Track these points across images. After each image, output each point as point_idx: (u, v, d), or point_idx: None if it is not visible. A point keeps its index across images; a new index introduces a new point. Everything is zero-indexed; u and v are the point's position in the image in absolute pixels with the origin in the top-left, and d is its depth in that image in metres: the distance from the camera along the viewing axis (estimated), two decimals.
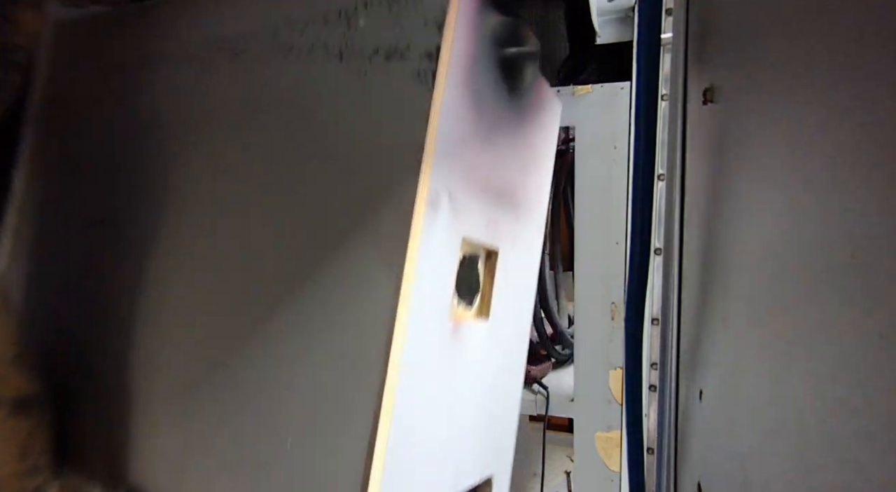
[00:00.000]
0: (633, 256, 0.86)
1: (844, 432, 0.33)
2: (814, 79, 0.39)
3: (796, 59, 0.42)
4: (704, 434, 0.70)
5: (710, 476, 0.66)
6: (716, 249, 0.66)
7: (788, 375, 0.43)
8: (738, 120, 0.57)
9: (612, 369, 0.94)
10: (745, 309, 0.54)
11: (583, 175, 0.90)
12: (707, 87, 0.66)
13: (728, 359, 0.59)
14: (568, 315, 1.17)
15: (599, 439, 0.98)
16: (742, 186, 0.56)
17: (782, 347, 0.44)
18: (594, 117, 0.87)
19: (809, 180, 0.41)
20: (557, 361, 1.14)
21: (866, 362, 0.31)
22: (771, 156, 0.48)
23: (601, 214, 0.90)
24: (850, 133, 0.34)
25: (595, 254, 0.92)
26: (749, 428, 0.52)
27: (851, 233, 0.33)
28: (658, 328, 0.86)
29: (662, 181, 0.82)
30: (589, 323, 0.95)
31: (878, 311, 0.30)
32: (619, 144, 0.86)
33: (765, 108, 0.49)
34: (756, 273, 0.52)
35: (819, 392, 0.37)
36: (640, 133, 0.82)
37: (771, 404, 0.46)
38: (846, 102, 0.34)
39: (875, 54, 0.31)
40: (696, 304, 0.75)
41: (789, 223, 0.45)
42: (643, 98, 0.81)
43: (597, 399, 0.97)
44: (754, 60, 0.52)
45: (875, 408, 0.30)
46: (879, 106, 0.30)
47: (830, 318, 0.35)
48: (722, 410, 0.61)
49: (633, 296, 0.87)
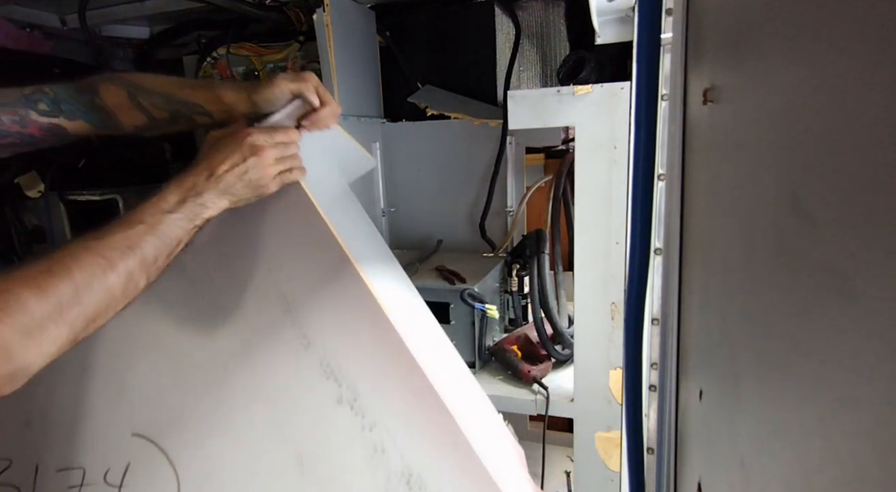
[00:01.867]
0: (633, 256, 0.86)
1: (844, 432, 0.33)
2: (814, 79, 0.39)
3: (796, 58, 0.42)
4: (704, 434, 0.70)
5: (710, 476, 0.66)
6: (716, 249, 0.66)
7: (789, 375, 0.43)
8: (738, 120, 0.57)
9: (612, 369, 0.94)
10: (744, 309, 0.54)
11: (583, 175, 0.90)
12: (707, 87, 0.66)
13: (728, 359, 0.59)
14: (568, 315, 1.17)
15: (599, 439, 0.98)
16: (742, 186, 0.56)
17: (782, 346, 0.44)
18: (594, 117, 0.87)
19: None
20: (557, 361, 1.14)
21: (866, 362, 0.31)
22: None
23: (601, 214, 0.90)
24: (850, 132, 0.34)
25: (595, 254, 0.91)
26: (749, 428, 0.52)
27: (851, 233, 0.33)
28: (658, 328, 0.86)
29: (662, 181, 0.82)
30: (589, 323, 0.95)
31: (879, 311, 0.30)
32: (619, 144, 0.86)
33: (765, 108, 0.49)
34: (756, 274, 0.52)
35: (819, 392, 0.37)
36: (640, 133, 0.82)
37: (771, 404, 0.46)
38: (847, 102, 0.34)
39: (876, 54, 0.31)
40: (696, 304, 0.75)
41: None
42: (643, 98, 0.81)
43: (597, 399, 0.97)
44: (754, 60, 0.52)
45: (875, 408, 0.30)
46: (881, 106, 0.30)
47: (831, 318, 0.35)
48: (722, 410, 0.61)
49: (633, 296, 0.87)
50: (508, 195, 1.40)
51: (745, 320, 0.53)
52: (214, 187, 0.66)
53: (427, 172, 1.46)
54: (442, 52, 1.38)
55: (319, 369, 0.67)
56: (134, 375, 0.75)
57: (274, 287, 0.72)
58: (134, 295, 0.61)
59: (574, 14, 1.25)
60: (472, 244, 1.42)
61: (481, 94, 1.36)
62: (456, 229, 1.45)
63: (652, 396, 0.88)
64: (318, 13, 1.14)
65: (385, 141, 1.43)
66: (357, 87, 1.29)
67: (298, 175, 0.72)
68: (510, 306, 1.28)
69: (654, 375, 0.87)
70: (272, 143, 0.69)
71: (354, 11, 1.27)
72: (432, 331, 0.83)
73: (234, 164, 0.67)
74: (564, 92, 0.88)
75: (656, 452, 0.88)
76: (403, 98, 1.39)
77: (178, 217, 0.64)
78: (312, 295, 0.70)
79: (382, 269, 0.80)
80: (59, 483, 0.74)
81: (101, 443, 0.74)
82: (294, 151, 0.72)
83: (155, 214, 0.62)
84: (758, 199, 0.50)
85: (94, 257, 0.55)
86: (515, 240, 1.33)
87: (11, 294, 0.49)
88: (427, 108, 1.34)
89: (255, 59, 1.41)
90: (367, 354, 0.67)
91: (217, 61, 1.44)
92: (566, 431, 1.12)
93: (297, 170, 0.72)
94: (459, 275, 1.13)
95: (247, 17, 1.27)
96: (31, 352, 0.50)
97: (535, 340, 1.14)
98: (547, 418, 1.03)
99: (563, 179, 1.18)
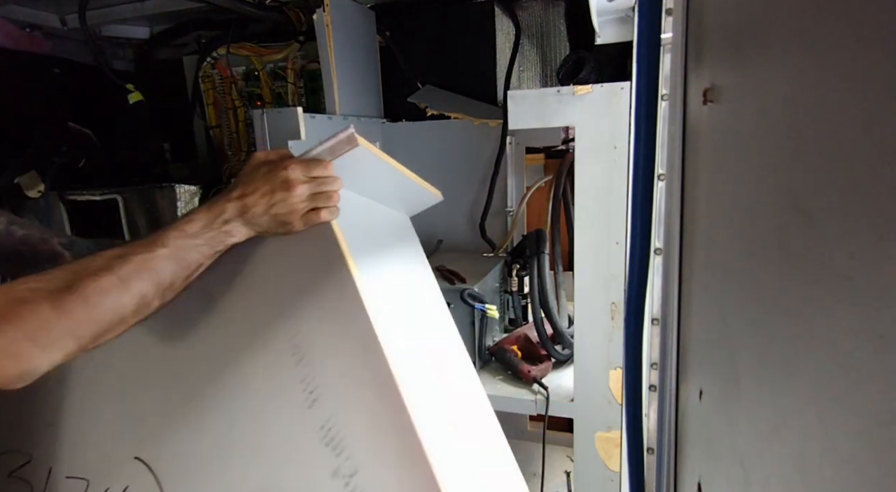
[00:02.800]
0: (633, 256, 0.86)
1: (844, 432, 0.33)
2: (814, 79, 0.39)
3: (796, 58, 0.42)
4: (704, 434, 0.70)
5: (710, 476, 0.66)
6: (716, 249, 0.66)
7: (789, 375, 0.43)
8: (738, 120, 0.57)
9: (612, 369, 0.94)
10: (744, 309, 0.54)
11: (583, 175, 0.90)
12: (707, 88, 0.66)
13: (728, 359, 0.59)
14: (568, 315, 1.17)
15: (599, 439, 0.98)
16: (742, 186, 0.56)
17: (782, 346, 0.44)
18: (594, 117, 0.87)
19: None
20: (557, 361, 1.14)
21: (866, 362, 0.31)
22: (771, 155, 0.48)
23: (601, 214, 0.90)
24: (850, 132, 0.34)
25: (595, 254, 0.91)
26: (749, 428, 0.52)
27: (851, 233, 0.33)
28: (658, 328, 0.86)
29: (662, 181, 0.82)
30: (589, 323, 0.95)
31: (879, 311, 0.30)
32: (619, 144, 0.86)
33: (765, 108, 0.49)
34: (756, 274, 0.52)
35: (819, 392, 0.37)
36: (640, 133, 0.82)
37: (771, 404, 0.46)
38: (847, 102, 0.34)
39: (876, 54, 0.31)
40: (696, 304, 0.75)
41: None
42: (643, 98, 0.81)
43: (597, 399, 0.97)
44: (754, 60, 0.52)
45: (875, 408, 0.30)
46: (881, 106, 0.30)
47: (831, 318, 0.35)
48: (722, 410, 0.61)
49: (633, 296, 0.87)
50: (508, 195, 1.40)
51: (745, 320, 0.53)
52: (241, 216, 0.64)
53: (427, 172, 1.45)
54: (442, 52, 1.38)
55: (319, 432, 0.62)
56: (145, 396, 0.74)
57: (286, 333, 0.67)
58: (146, 314, 0.62)
59: (574, 14, 1.25)
60: (472, 244, 1.42)
61: (481, 94, 1.36)
62: (456, 229, 1.45)
63: (652, 396, 0.88)
64: (318, 13, 1.14)
65: (385, 141, 1.43)
66: (357, 87, 1.29)
67: (327, 217, 0.67)
68: (510, 306, 1.28)
69: (654, 375, 0.87)
70: (305, 178, 0.64)
71: (354, 11, 1.27)
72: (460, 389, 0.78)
73: (264, 194, 0.64)
74: (564, 92, 0.88)
75: (656, 452, 0.88)
76: (403, 98, 1.39)
77: (200, 243, 0.63)
78: (325, 353, 0.65)
79: (414, 327, 0.74)
80: (65, 490, 0.74)
81: (106, 459, 0.73)
82: (330, 188, 0.66)
83: (178, 238, 0.62)
84: (758, 199, 0.50)
85: (112, 278, 0.57)
86: (515, 240, 1.33)
87: (31, 308, 0.53)
88: (427, 108, 1.34)
89: (255, 59, 1.41)
90: (375, 432, 0.60)
91: (217, 61, 1.44)
92: (566, 431, 1.12)
93: (326, 210, 0.66)
94: (459, 275, 1.13)
95: (247, 17, 1.27)
96: (41, 359, 0.54)
97: (535, 340, 1.14)
98: (547, 418, 1.03)
99: (563, 179, 1.18)
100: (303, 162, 0.66)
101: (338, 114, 1.20)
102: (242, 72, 1.45)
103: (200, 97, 1.49)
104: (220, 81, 1.47)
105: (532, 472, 1.15)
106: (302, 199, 0.65)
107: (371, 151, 0.71)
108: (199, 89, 1.48)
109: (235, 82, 1.45)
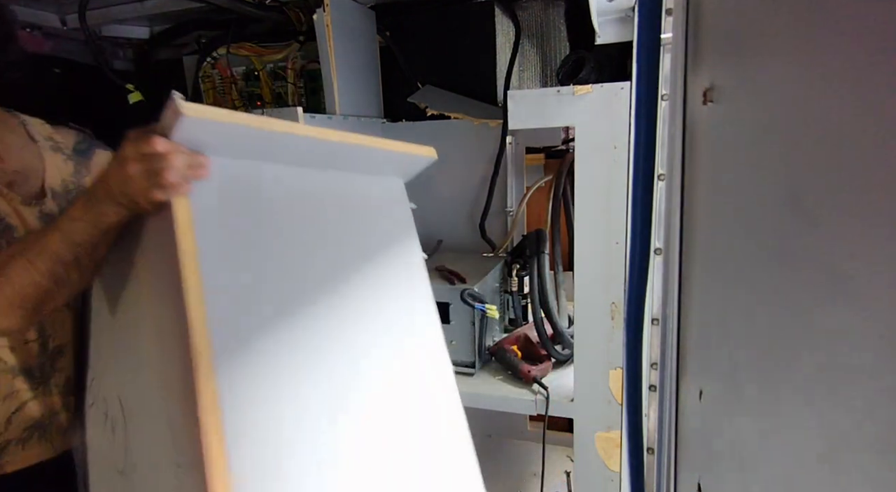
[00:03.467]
0: (633, 256, 0.86)
1: (844, 432, 0.33)
2: (814, 79, 0.39)
3: (796, 58, 0.42)
4: (704, 434, 0.70)
5: (710, 476, 0.66)
6: (716, 249, 0.66)
7: (788, 375, 0.43)
8: (739, 120, 0.57)
9: (612, 369, 0.94)
10: (744, 309, 0.54)
11: (583, 175, 0.90)
12: (707, 87, 0.66)
13: (728, 359, 0.59)
14: (568, 315, 1.17)
15: (599, 439, 0.98)
16: (742, 186, 0.56)
17: (782, 346, 0.44)
18: (594, 117, 0.87)
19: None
20: (557, 361, 1.14)
21: (866, 362, 0.31)
22: (770, 155, 0.48)
23: (601, 214, 0.90)
24: (850, 132, 0.33)
25: (595, 254, 0.91)
26: (749, 428, 0.52)
27: (851, 233, 0.33)
28: (658, 328, 0.86)
29: (662, 181, 0.82)
30: (589, 323, 0.95)
31: (879, 311, 0.30)
32: (619, 144, 0.86)
33: (765, 108, 0.49)
34: (756, 274, 0.52)
35: (819, 392, 0.37)
36: (640, 133, 0.82)
37: (771, 404, 0.46)
38: (846, 102, 0.34)
39: (875, 53, 0.31)
40: (696, 304, 0.75)
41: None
42: (643, 98, 0.81)
43: (597, 399, 0.97)
44: (754, 60, 0.52)
45: (875, 408, 0.30)
46: (879, 106, 0.30)
47: (831, 319, 0.35)
48: (722, 410, 0.61)
49: (633, 296, 0.87)
50: (508, 195, 1.40)
51: (745, 320, 0.53)
52: (105, 195, 0.67)
53: (427, 171, 1.46)
54: (442, 52, 1.38)
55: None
56: (117, 348, 0.82)
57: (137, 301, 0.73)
58: (75, 281, 0.74)
59: (574, 14, 1.25)
60: (472, 244, 1.42)
61: (481, 94, 1.36)
62: (456, 229, 1.45)
63: (652, 396, 0.88)
64: (318, 13, 1.14)
65: None
66: (357, 87, 1.29)
67: (161, 196, 0.63)
68: (510, 306, 1.28)
69: (654, 375, 0.87)
70: (135, 156, 0.63)
71: (354, 11, 1.27)
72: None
73: (115, 174, 0.65)
74: (564, 92, 0.88)
75: (656, 452, 0.88)
76: (403, 98, 1.39)
77: (84, 223, 0.70)
78: (153, 329, 0.69)
79: (309, 319, 0.69)
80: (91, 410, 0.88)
81: (108, 391, 0.83)
82: (157, 165, 0.61)
83: (65, 222, 0.71)
84: (758, 199, 0.50)
85: (22, 260, 0.71)
86: (515, 240, 1.33)
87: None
88: (427, 108, 1.34)
89: (255, 59, 1.41)
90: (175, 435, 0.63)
91: (217, 61, 1.44)
92: (566, 431, 1.12)
93: (161, 189, 0.62)
94: (459, 275, 1.13)
95: (247, 17, 1.27)
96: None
97: (535, 340, 1.14)
98: (547, 418, 1.03)
99: (563, 179, 1.18)
100: (137, 139, 0.63)
101: (338, 114, 1.20)
102: (242, 72, 1.45)
103: (200, 97, 1.49)
104: (220, 81, 1.47)
105: (532, 472, 1.16)
106: (138, 177, 0.63)
107: (229, 120, 0.62)
108: (199, 89, 1.48)
109: (235, 82, 1.45)
